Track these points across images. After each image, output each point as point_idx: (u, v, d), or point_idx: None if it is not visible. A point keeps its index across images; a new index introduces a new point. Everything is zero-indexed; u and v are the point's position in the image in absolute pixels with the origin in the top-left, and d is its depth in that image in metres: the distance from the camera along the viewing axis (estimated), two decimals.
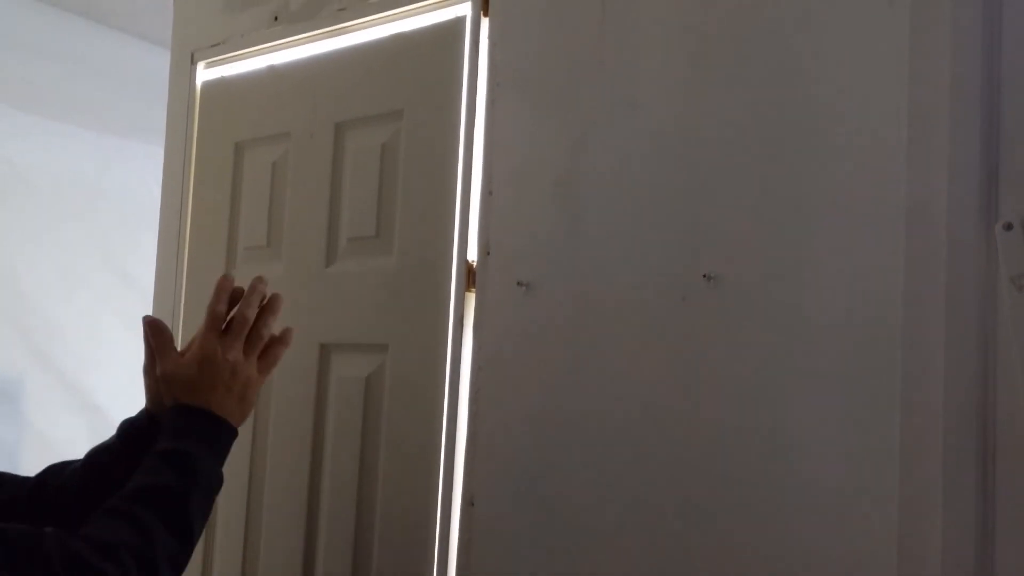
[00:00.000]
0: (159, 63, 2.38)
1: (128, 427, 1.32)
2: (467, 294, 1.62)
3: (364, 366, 1.75)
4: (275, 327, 1.30)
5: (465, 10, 1.68)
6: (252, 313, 1.27)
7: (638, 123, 1.44)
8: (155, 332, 1.30)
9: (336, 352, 1.81)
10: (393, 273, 1.73)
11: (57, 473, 1.30)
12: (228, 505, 1.95)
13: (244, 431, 1.90)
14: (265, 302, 1.30)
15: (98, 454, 1.32)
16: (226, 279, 1.30)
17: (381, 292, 1.75)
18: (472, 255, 1.62)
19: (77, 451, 3.94)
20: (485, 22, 1.65)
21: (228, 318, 1.26)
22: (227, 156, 2.04)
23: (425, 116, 1.73)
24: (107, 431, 3.85)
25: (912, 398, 1.12)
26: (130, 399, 2.29)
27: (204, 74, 2.21)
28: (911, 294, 1.14)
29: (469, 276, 1.62)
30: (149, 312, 2.25)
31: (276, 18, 2.01)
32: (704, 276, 1.35)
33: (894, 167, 1.18)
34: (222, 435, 1.22)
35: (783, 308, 1.27)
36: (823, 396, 1.22)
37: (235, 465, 1.93)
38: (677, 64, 1.41)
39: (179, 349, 1.29)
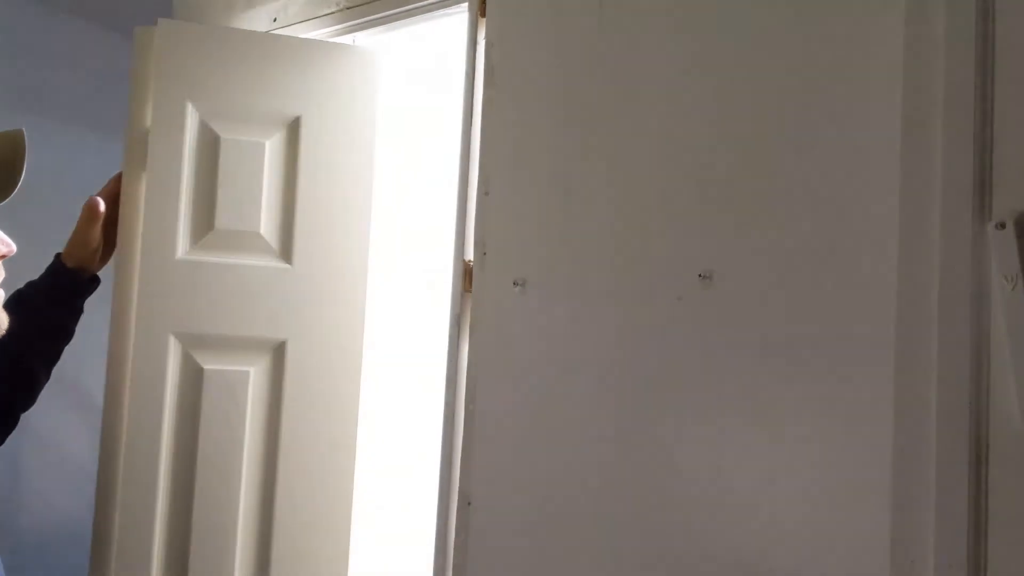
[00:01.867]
0: None
1: None
2: (465, 294, 1.62)
3: (248, 362, 1.78)
4: None
5: (462, 11, 1.69)
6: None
7: (634, 123, 1.45)
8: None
9: (206, 347, 1.78)
10: (287, 270, 1.78)
11: None
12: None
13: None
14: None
15: None
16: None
17: (281, 290, 1.79)
18: (469, 254, 1.62)
19: (77, 451, 3.93)
20: (483, 23, 1.65)
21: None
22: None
23: (324, 123, 1.81)
24: None
25: (905, 396, 1.13)
26: None
27: None
28: (905, 292, 1.14)
29: (466, 276, 1.62)
30: None
31: (275, 20, 2.02)
32: (700, 275, 1.35)
33: (888, 167, 1.18)
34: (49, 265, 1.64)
35: (777, 307, 1.27)
36: (817, 395, 1.22)
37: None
38: (673, 65, 1.41)
39: None
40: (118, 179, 1.77)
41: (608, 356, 1.43)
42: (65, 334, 1.62)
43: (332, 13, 1.91)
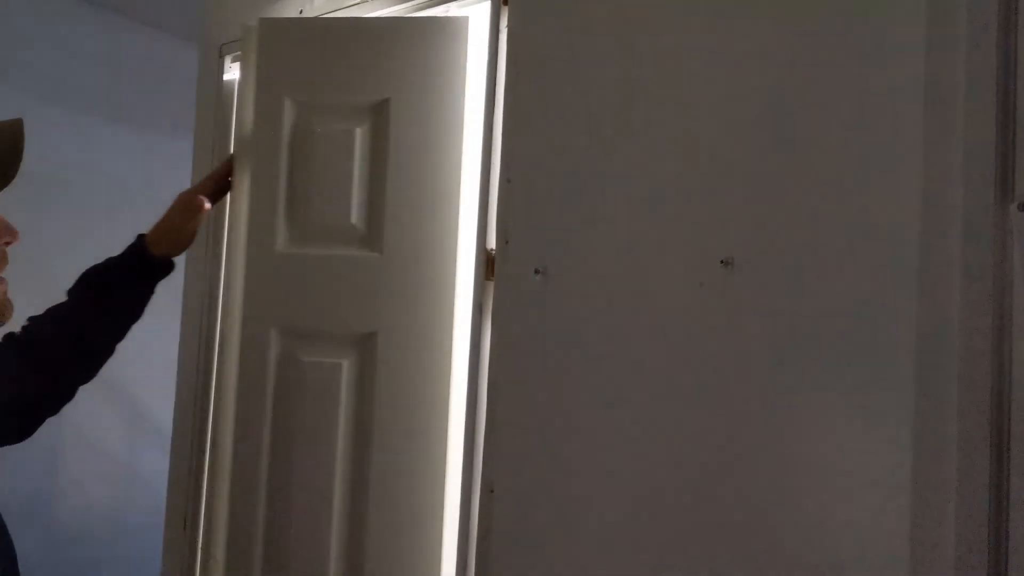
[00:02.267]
0: (190, 58, 2.41)
1: None
2: (487, 282, 1.62)
3: (344, 353, 1.75)
4: None
5: None
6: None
7: (656, 109, 1.44)
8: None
9: (305, 338, 1.79)
10: (377, 261, 1.74)
11: None
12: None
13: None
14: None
15: None
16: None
17: (362, 279, 1.75)
18: (491, 243, 1.62)
19: (113, 442, 3.99)
20: (505, 10, 1.65)
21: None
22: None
23: (417, 106, 1.74)
24: (141, 421, 3.87)
25: (927, 382, 1.11)
26: (164, 390, 2.33)
27: (232, 68, 2.23)
28: (926, 276, 1.13)
29: (488, 264, 1.62)
30: (179, 305, 2.28)
31: (301, 11, 2.03)
32: (722, 262, 1.34)
33: (910, 149, 1.17)
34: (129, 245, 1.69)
35: (799, 294, 1.26)
36: (838, 383, 1.21)
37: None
38: (696, 50, 1.40)
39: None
40: (218, 177, 1.84)
41: (630, 343, 1.42)
42: (136, 314, 1.68)
43: (358, 4, 1.91)
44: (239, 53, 2.18)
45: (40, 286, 2.72)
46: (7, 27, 3.43)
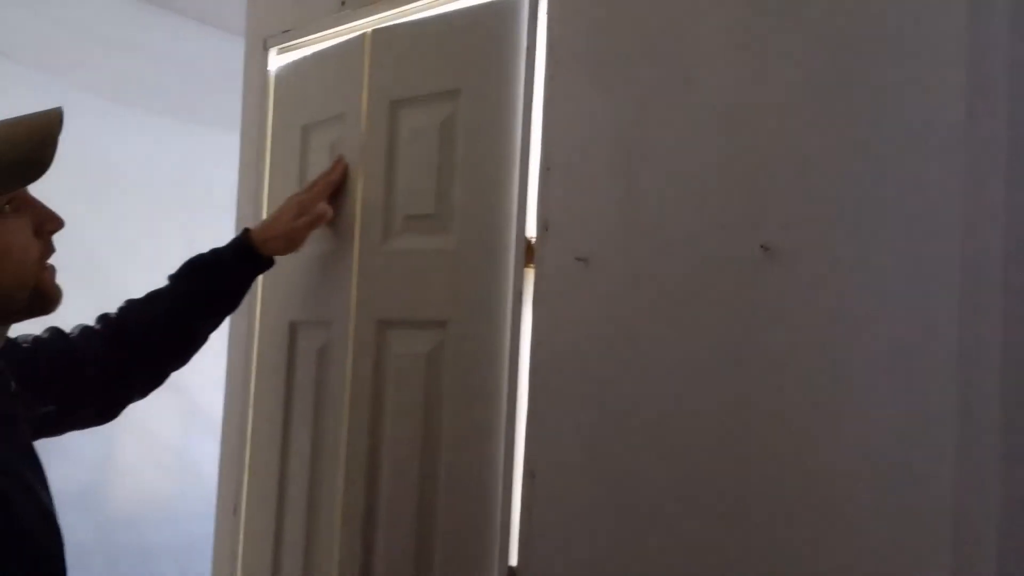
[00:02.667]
0: (237, 52, 2.45)
1: None
2: (527, 270, 1.63)
3: (424, 342, 1.77)
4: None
5: None
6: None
7: (696, 95, 1.43)
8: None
9: (394, 329, 1.83)
10: (452, 250, 1.75)
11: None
12: (294, 480, 2.01)
13: (305, 406, 1.95)
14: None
15: None
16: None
17: (439, 269, 1.76)
18: (531, 231, 1.63)
19: (167, 430, 4.05)
20: None
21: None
22: (295, 140, 2.09)
23: (484, 93, 1.73)
24: (194, 412, 3.94)
25: (969, 377, 1.09)
26: (214, 380, 2.37)
27: (277, 60, 2.26)
28: (969, 271, 1.11)
29: (528, 252, 1.63)
30: None
31: (343, 3, 2.05)
32: (762, 247, 1.33)
33: (952, 142, 1.15)
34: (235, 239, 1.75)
35: (840, 279, 1.25)
36: (880, 371, 1.20)
37: (299, 443, 1.99)
38: (735, 37, 1.39)
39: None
40: (332, 183, 1.88)
41: (670, 328, 1.42)
42: (234, 305, 1.73)
43: None
44: (284, 45, 2.23)
45: (92, 274, 2.78)
46: (61, 25, 3.51)
